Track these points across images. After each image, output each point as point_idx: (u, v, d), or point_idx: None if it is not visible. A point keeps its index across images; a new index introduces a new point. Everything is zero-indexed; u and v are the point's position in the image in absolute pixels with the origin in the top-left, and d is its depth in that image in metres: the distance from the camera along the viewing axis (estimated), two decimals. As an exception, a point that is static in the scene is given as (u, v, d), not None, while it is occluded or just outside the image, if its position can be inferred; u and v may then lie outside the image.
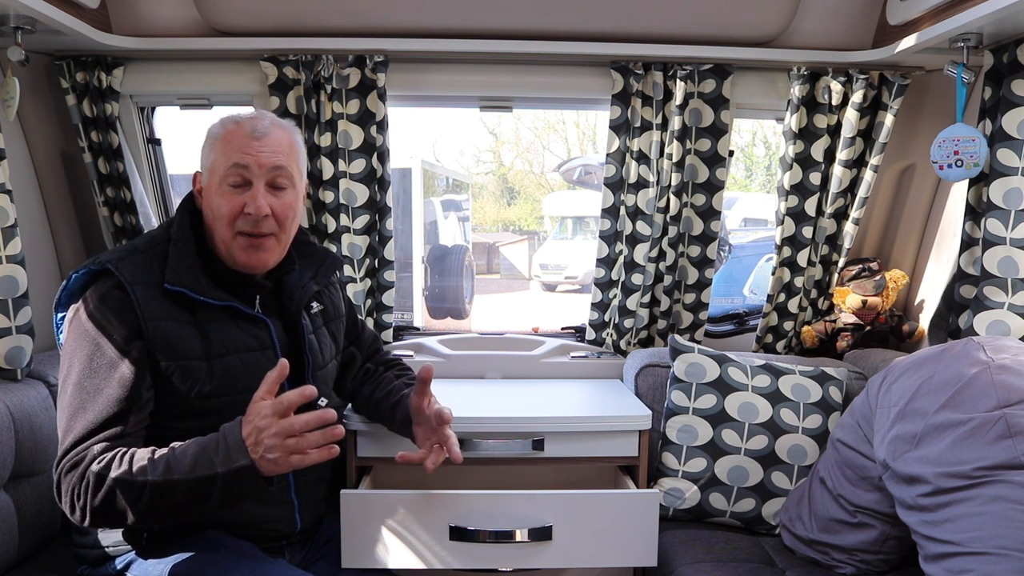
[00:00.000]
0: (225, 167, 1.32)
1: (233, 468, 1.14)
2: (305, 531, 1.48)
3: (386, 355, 1.75)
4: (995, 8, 1.44)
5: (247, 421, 1.16)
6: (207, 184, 1.35)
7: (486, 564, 1.51)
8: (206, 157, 1.36)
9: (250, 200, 1.31)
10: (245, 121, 1.35)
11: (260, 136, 1.33)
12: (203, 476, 1.15)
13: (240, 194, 1.32)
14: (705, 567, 1.57)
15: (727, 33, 1.98)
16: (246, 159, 1.31)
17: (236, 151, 1.32)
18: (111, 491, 1.16)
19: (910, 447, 1.34)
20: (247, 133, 1.33)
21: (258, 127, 1.34)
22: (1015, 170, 1.64)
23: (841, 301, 2.18)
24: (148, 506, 1.16)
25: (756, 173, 13.83)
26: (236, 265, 1.35)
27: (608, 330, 2.25)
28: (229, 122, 1.36)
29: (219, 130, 1.35)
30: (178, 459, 1.17)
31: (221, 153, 1.33)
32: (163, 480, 1.15)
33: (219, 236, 1.34)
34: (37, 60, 1.91)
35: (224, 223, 1.32)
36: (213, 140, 1.35)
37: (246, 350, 1.35)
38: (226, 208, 1.31)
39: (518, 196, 16.26)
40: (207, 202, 1.35)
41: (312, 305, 1.49)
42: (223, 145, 1.33)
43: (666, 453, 1.83)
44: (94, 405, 1.21)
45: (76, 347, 1.25)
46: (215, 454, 1.15)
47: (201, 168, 1.37)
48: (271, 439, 1.13)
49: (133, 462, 1.17)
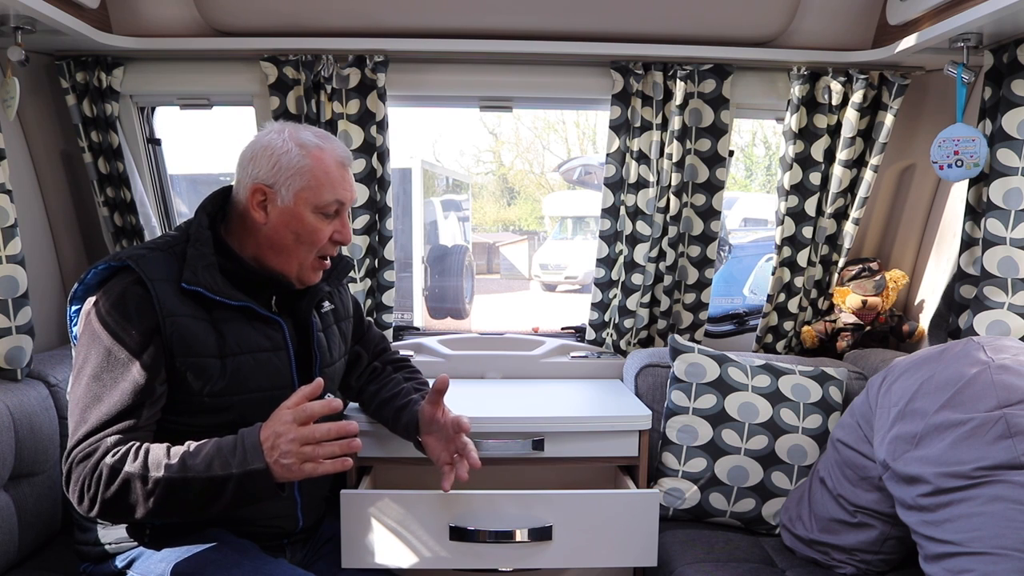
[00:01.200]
0: (329, 200, 1.37)
1: (248, 470, 1.16)
2: (306, 530, 1.49)
3: (394, 354, 1.77)
4: (995, 8, 1.44)
5: (267, 425, 1.19)
6: (290, 206, 1.35)
7: (486, 564, 1.51)
8: (287, 179, 1.35)
9: (341, 229, 1.41)
10: (328, 148, 1.38)
11: (347, 166, 1.41)
12: (217, 476, 1.16)
13: (330, 222, 1.39)
14: (705, 567, 1.57)
15: (727, 33, 1.98)
16: (346, 196, 1.40)
17: (336, 185, 1.37)
18: (124, 484, 1.17)
19: (910, 447, 1.34)
20: (339, 163, 1.39)
21: (341, 154, 1.40)
22: (1015, 170, 1.64)
23: (841, 301, 2.18)
24: (160, 501, 1.17)
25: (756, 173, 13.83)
26: (299, 283, 1.41)
27: (608, 330, 2.25)
28: (314, 147, 1.36)
29: (304, 156, 1.35)
30: (194, 457, 1.18)
31: (318, 183, 1.36)
32: (178, 477, 1.16)
33: (296, 257, 1.38)
34: (37, 60, 1.92)
35: (312, 248, 1.38)
36: (299, 166, 1.35)
37: (259, 350, 1.37)
38: (320, 236, 1.38)
39: (518, 196, 16.26)
40: (283, 221, 1.36)
41: (323, 304, 1.53)
42: (320, 175, 1.36)
43: (666, 453, 1.84)
44: (110, 397, 1.23)
45: (93, 340, 1.26)
46: (232, 455, 1.17)
47: (271, 185, 1.35)
48: (288, 445, 1.16)
49: (148, 457, 1.18)
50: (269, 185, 1.35)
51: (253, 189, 1.35)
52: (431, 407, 1.47)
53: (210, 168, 5.64)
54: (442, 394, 1.46)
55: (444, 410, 1.48)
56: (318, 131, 1.42)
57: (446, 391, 1.46)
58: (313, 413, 1.18)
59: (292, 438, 1.16)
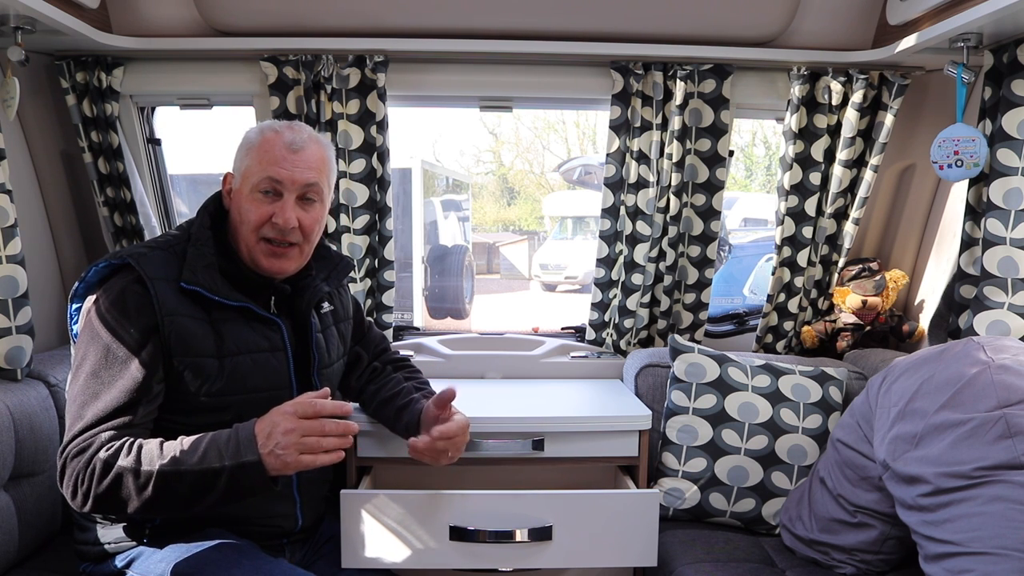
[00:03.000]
0: (259, 176, 1.35)
1: (241, 462, 1.16)
2: (306, 530, 1.49)
3: (394, 354, 1.77)
4: (995, 8, 1.44)
5: (264, 417, 1.19)
6: (238, 188, 1.38)
7: (486, 564, 1.51)
8: (240, 161, 1.39)
9: (279, 211, 1.35)
10: (284, 132, 1.38)
11: (297, 150, 1.36)
12: (209, 468, 1.17)
13: (270, 203, 1.36)
14: (705, 567, 1.57)
15: (727, 33, 1.98)
16: (281, 173, 1.35)
17: (272, 162, 1.35)
18: (117, 478, 1.17)
19: (910, 447, 1.34)
20: (285, 145, 1.36)
21: (296, 140, 1.37)
22: (1015, 170, 1.64)
23: (841, 301, 2.18)
24: (152, 495, 1.17)
25: (756, 173, 13.83)
26: (258, 269, 1.39)
27: (608, 330, 2.25)
28: (268, 130, 1.38)
29: (257, 137, 1.38)
30: (187, 451, 1.18)
31: (257, 161, 1.36)
32: (170, 470, 1.17)
33: (243, 240, 1.37)
34: (37, 60, 1.92)
35: (250, 228, 1.36)
36: (249, 146, 1.38)
37: (257, 351, 1.37)
38: (254, 215, 1.35)
39: (518, 196, 16.26)
40: (236, 205, 1.38)
41: (323, 305, 1.53)
42: (260, 153, 1.36)
43: (666, 453, 1.84)
44: (107, 394, 1.23)
45: (93, 337, 1.26)
46: (225, 447, 1.18)
47: (234, 171, 1.40)
48: (285, 436, 1.16)
49: (142, 451, 1.18)
50: (232, 171, 1.40)
51: (224, 177, 1.41)
52: (436, 410, 1.47)
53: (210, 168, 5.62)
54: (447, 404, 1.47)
55: (451, 413, 1.48)
56: (296, 124, 1.42)
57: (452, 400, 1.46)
58: (322, 409, 1.19)
59: (291, 428, 1.17)
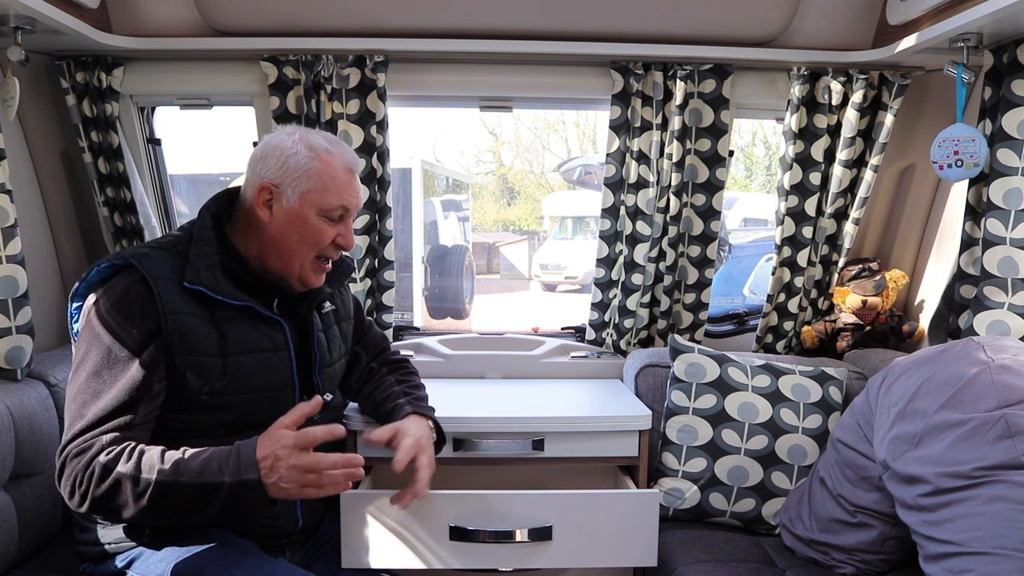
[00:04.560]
0: (333, 203, 1.37)
1: (241, 480, 1.16)
2: (306, 530, 1.49)
3: (393, 355, 1.77)
4: (995, 8, 1.44)
5: (265, 444, 1.18)
6: (295, 207, 1.36)
7: (486, 564, 1.51)
8: (295, 180, 1.36)
9: (344, 233, 1.41)
10: (335, 151, 1.39)
11: (355, 172, 1.41)
12: (210, 483, 1.16)
13: (334, 226, 1.39)
14: (705, 567, 1.57)
15: (727, 33, 1.98)
16: (351, 202, 1.40)
17: (342, 190, 1.38)
18: (116, 484, 1.17)
19: (910, 447, 1.34)
20: (345, 168, 1.39)
21: (350, 161, 1.41)
22: (1015, 170, 1.64)
23: (841, 301, 2.18)
24: (150, 504, 1.17)
25: (756, 173, 13.82)
26: (304, 285, 1.41)
27: (608, 330, 2.25)
28: (323, 151, 1.37)
29: (312, 159, 1.36)
30: (187, 462, 1.18)
31: (324, 187, 1.36)
32: (169, 481, 1.16)
33: (297, 257, 1.38)
34: (37, 60, 1.92)
35: (313, 249, 1.38)
36: (307, 168, 1.36)
37: (260, 350, 1.37)
38: (322, 238, 1.38)
39: (518, 196, 16.25)
40: (287, 221, 1.37)
41: (324, 305, 1.53)
42: (326, 179, 1.36)
43: (666, 453, 1.83)
44: (108, 394, 1.23)
45: (94, 338, 1.26)
46: (226, 464, 1.17)
47: (277, 184, 1.36)
48: (288, 471, 1.16)
49: (142, 459, 1.18)
50: (276, 184, 1.36)
51: (260, 187, 1.36)
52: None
53: (210, 168, 5.64)
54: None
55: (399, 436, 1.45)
56: (329, 136, 1.42)
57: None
58: (315, 440, 1.18)
59: (293, 464, 1.16)
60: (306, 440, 1.17)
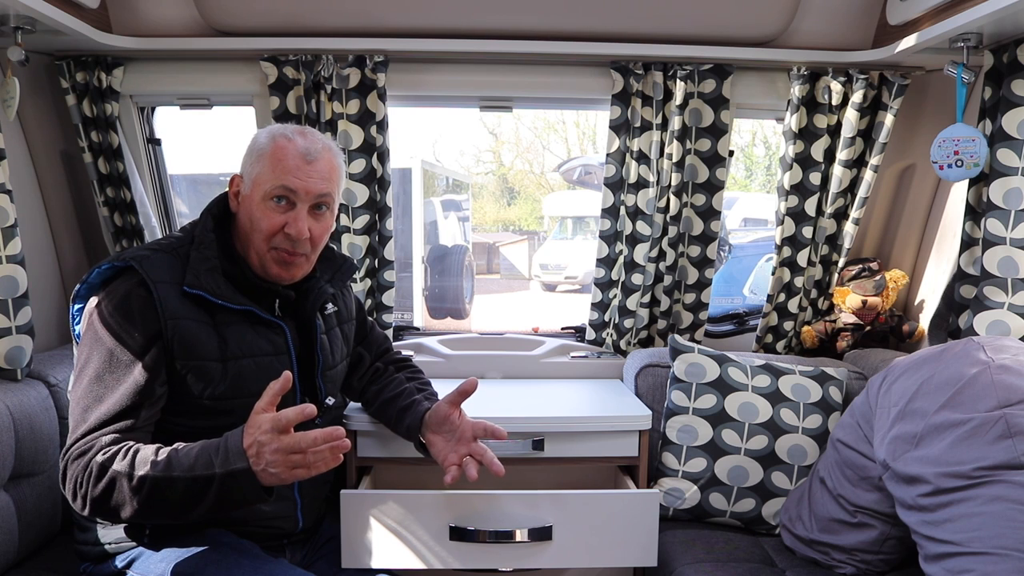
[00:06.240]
0: (272, 184, 1.33)
1: (231, 470, 1.14)
2: (306, 530, 1.49)
3: (396, 355, 1.77)
4: (995, 8, 1.44)
5: (248, 432, 1.17)
6: (248, 193, 1.36)
7: (486, 564, 1.51)
8: (250, 165, 1.36)
9: (292, 222, 1.33)
10: (297, 139, 1.36)
11: (312, 160, 1.34)
12: (201, 475, 1.15)
13: (282, 212, 1.34)
14: (705, 567, 1.57)
15: (727, 33, 1.98)
16: (295, 183, 1.33)
17: (286, 171, 1.33)
18: (111, 482, 1.17)
19: (910, 447, 1.34)
20: (299, 154, 1.34)
21: (311, 150, 1.35)
22: (1015, 170, 1.64)
23: (841, 301, 2.18)
24: (145, 500, 1.16)
25: (756, 173, 13.82)
26: (266, 276, 1.38)
27: (608, 330, 2.25)
28: (280, 136, 1.36)
29: (268, 142, 1.35)
30: (180, 458, 1.18)
31: (270, 168, 1.33)
32: (163, 476, 1.16)
33: (254, 246, 1.36)
34: (37, 60, 1.91)
35: (262, 237, 1.34)
36: (261, 151, 1.35)
37: (261, 354, 1.37)
38: (266, 224, 1.34)
39: (518, 196, 16.25)
40: (245, 209, 1.36)
41: (327, 307, 1.52)
42: (273, 160, 1.34)
43: (666, 453, 1.83)
44: (110, 398, 1.23)
45: (96, 341, 1.26)
46: (215, 455, 1.16)
47: (242, 174, 1.38)
48: (273, 455, 1.14)
49: (136, 456, 1.18)
50: (241, 174, 1.38)
51: (231, 179, 1.38)
52: (448, 406, 1.46)
53: (210, 168, 5.64)
54: (466, 396, 1.46)
55: (461, 412, 1.48)
56: (306, 129, 1.40)
57: (472, 393, 1.46)
58: (291, 421, 1.14)
59: (276, 448, 1.13)
60: (281, 422, 1.13)
